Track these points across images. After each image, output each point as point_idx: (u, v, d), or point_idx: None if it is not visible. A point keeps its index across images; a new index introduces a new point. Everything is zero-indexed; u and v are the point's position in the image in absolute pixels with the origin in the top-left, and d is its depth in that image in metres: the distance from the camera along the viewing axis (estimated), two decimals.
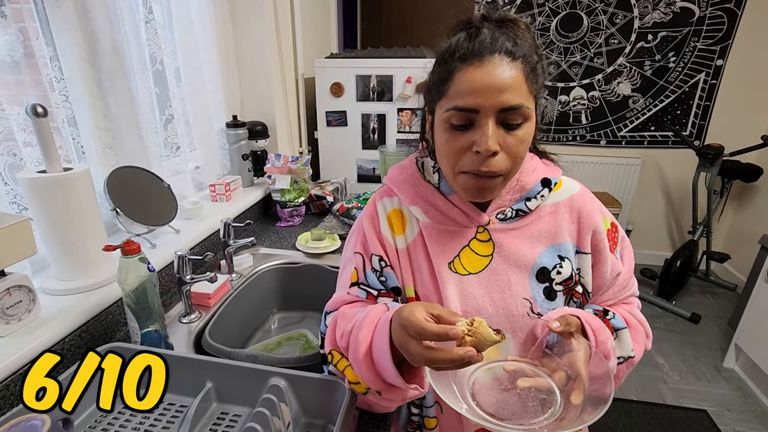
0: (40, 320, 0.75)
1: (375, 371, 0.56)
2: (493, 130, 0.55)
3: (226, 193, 1.41)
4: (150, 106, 1.17)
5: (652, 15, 2.62)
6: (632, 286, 0.72)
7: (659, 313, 2.61)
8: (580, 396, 0.51)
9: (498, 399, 0.54)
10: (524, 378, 0.56)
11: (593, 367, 0.54)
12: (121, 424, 0.67)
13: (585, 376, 0.53)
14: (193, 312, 0.97)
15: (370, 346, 0.56)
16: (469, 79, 0.55)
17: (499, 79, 0.54)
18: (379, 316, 0.58)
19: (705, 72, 2.68)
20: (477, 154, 0.56)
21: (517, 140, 0.57)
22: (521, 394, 0.54)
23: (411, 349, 0.50)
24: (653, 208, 3.08)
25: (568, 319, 0.59)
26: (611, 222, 0.70)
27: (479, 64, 0.54)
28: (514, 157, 0.58)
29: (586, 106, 2.89)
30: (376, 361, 0.55)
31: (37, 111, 0.74)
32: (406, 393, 0.57)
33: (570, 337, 0.57)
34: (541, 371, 0.57)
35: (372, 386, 0.57)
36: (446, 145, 0.59)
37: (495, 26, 0.58)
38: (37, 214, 0.79)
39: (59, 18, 0.90)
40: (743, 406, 1.90)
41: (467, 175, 0.59)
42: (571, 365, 0.55)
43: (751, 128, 2.70)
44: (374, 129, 1.90)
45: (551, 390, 0.54)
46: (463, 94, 0.55)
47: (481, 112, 0.55)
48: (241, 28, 1.60)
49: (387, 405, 0.62)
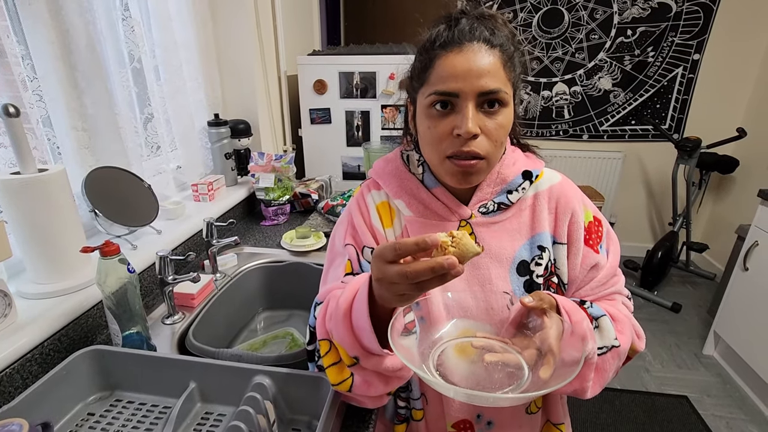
0: (16, 325, 0.74)
1: (353, 333, 0.54)
2: (473, 113, 0.56)
3: (209, 192, 1.39)
4: (129, 105, 1.15)
5: (631, 10, 2.66)
6: (615, 283, 0.70)
7: (642, 304, 2.67)
8: (549, 370, 0.48)
9: (464, 370, 0.52)
10: (492, 353, 0.53)
11: (566, 344, 0.51)
12: (103, 427, 0.67)
13: (557, 351, 0.50)
14: (177, 313, 0.96)
15: (351, 306, 0.54)
16: (450, 64, 0.56)
17: (478, 64, 0.55)
18: (361, 279, 0.56)
19: (683, 66, 2.74)
20: (458, 137, 0.57)
21: (497, 124, 0.58)
22: (488, 366, 0.52)
23: (389, 273, 0.45)
24: (635, 201, 3.15)
25: (541, 295, 0.57)
26: (594, 215, 0.70)
27: (459, 50, 0.56)
28: (494, 141, 0.59)
29: (568, 101, 2.93)
30: (355, 322, 0.53)
31: (9, 111, 0.73)
32: (382, 362, 0.55)
33: (542, 315, 0.55)
34: (511, 348, 0.55)
35: (350, 351, 0.55)
36: (428, 131, 0.60)
37: (474, 18, 0.59)
38: (12, 217, 0.78)
39: (31, 16, 0.88)
40: (722, 392, 1.96)
41: (452, 160, 0.59)
42: (542, 341, 0.52)
43: (727, 121, 2.77)
44: (358, 126, 1.90)
45: (519, 365, 0.52)
46: (444, 79, 0.57)
47: (461, 96, 0.56)
48: (222, 25, 1.58)
49: (367, 392, 0.59)
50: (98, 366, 0.72)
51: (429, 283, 0.45)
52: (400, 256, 0.45)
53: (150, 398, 0.72)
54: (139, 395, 0.72)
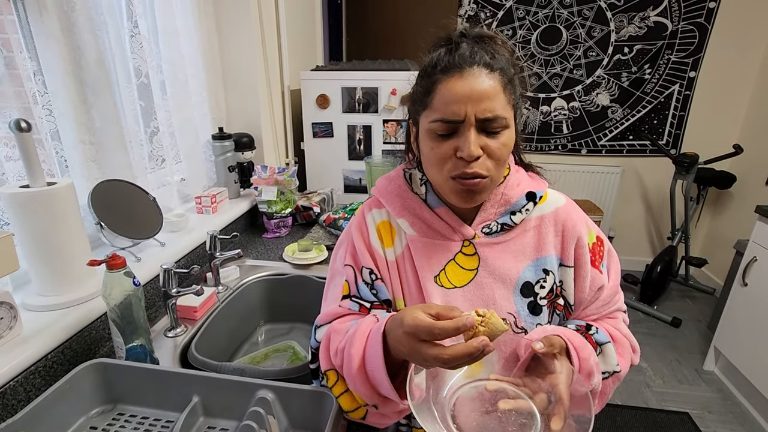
0: (21, 337, 0.74)
1: (369, 385, 0.56)
2: (475, 136, 0.57)
3: (212, 205, 1.41)
4: (135, 119, 1.17)
5: (628, 29, 2.72)
6: (617, 301, 0.72)
7: (641, 318, 2.67)
8: (559, 422, 0.50)
9: (478, 422, 0.54)
10: (505, 400, 0.55)
11: (574, 391, 0.54)
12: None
13: (566, 400, 0.52)
14: (179, 326, 0.96)
15: (363, 360, 0.56)
16: (451, 89, 0.57)
17: (479, 89, 0.56)
18: (369, 329, 0.58)
19: (679, 83, 2.79)
20: (461, 159, 0.58)
21: (499, 144, 0.59)
22: (501, 417, 0.54)
23: (425, 353, 0.48)
24: (634, 215, 3.16)
25: (552, 339, 0.59)
26: (597, 236, 0.71)
27: (460, 75, 0.57)
28: (497, 160, 0.60)
29: (567, 116, 2.96)
30: (371, 374, 0.55)
31: (21, 126, 0.74)
32: (398, 406, 0.57)
33: (553, 358, 0.57)
34: (522, 392, 0.57)
35: (368, 401, 0.57)
36: (431, 153, 0.61)
37: (473, 41, 0.60)
38: (20, 230, 0.78)
39: (43, 32, 0.90)
40: (723, 408, 1.95)
41: (456, 180, 0.60)
42: (552, 387, 0.54)
43: (723, 137, 2.81)
44: (360, 140, 1.92)
45: (532, 413, 0.54)
46: (446, 105, 0.58)
47: (463, 122, 0.57)
48: (227, 41, 1.61)
49: (381, 422, 0.62)
50: (101, 379, 0.72)
51: (462, 364, 0.47)
52: (437, 338, 0.48)
53: (153, 412, 0.72)
54: (141, 409, 0.72)
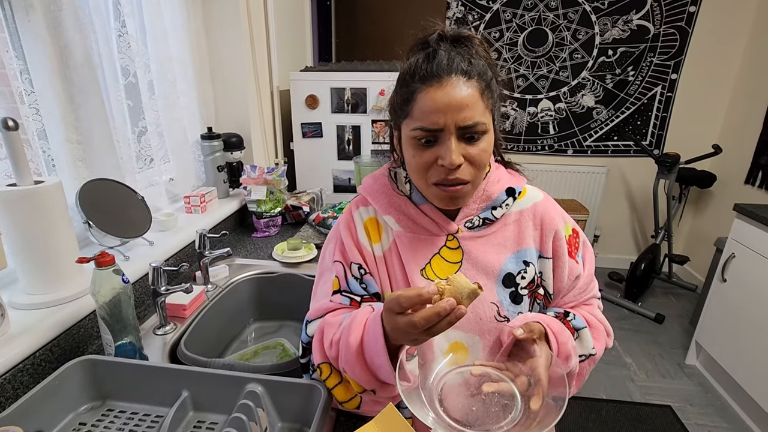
0: (9, 335, 0.74)
1: (369, 370, 0.59)
2: (456, 144, 0.59)
3: (201, 204, 1.41)
4: (123, 119, 1.17)
5: (612, 32, 2.78)
6: (593, 288, 0.77)
7: (626, 315, 2.72)
8: (538, 402, 0.54)
9: (464, 404, 0.58)
10: (489, 383, 0.59)
11: (553, 373, 0.58)
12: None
13: (545, 382, 0.56)
14: (168, 323, 0.97)
15: (362, 346, 0.58)
16: (430, 99, 0.59)
17: (458, 98, 0.58)
18: (366, 317, 0.60)
19: (661, 85, 2.85)
20: (443, 167, 0.61)
21: (479, 150, 0.61)
22: (485, 399, 0.58)
23: (400, 324, 0.52)
24: (618, 214, 3.23)
25: (531, 326, 0.63)
26: (572, 228, 0.75)
27: (438, 85, 0.59)
28: (477, 166, 0.62)
29: (553, 117, 3.01)
30: (369, 360, 0.58)
31: (8, 124, 0.74)
32: (395, 390, 0.58)
33: (533, 343, 0.61)
34: (505, 375, 0.61)
35: (366, 386, 0.60)
36: (414, 160, 0.64)
37: (451, 46, 0.61)
38: (7, 228, 0.78)
39: (30, 31, 0.90)
40: (704, 401, 2.00)
41: (438, 187, 0.63)
42: (532, 370, 0.58)
43: (704, 138, 2.88)
44: (349, 140, 1.93)
45: (513, 395, 0.58)
46: (426, 115, 0.59)
47: (443, 130, 0.59)
48: (216, 41, 1.62)
49: (375, 409, 0.63)
50: (90, 376, 0.72)
51: (438, 327, 0.50)
52: (405, 307, 0.51)
53: (142, 407, 0.72)
54: (131, 404, 0.73)
